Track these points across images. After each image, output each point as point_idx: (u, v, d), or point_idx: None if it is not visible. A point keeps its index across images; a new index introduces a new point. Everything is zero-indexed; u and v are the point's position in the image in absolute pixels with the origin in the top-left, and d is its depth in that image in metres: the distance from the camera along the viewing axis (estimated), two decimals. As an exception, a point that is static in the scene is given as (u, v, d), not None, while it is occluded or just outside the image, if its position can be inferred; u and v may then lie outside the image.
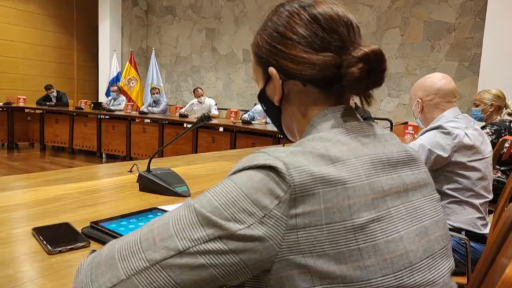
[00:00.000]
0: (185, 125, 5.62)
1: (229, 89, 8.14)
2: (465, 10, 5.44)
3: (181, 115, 5.78)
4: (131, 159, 5.98)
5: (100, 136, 6.19)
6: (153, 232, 0.46)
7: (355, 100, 0.65)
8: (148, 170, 1.18)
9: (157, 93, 6.52)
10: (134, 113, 6.17)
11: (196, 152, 5.20)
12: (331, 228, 0.44)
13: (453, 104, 1.50)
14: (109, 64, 8.21)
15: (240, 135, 4.99)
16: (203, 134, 5.25)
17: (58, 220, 0.86)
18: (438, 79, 1.50)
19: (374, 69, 0.52)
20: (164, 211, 0.92)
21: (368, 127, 0.56)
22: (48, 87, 7.15)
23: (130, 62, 7.85)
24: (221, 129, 5.27)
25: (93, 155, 6.41)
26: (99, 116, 6.20)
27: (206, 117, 1.13)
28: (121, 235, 0.75)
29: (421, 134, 1.46)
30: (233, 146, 4.96)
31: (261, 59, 0.61)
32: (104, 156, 6.40)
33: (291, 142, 0.64)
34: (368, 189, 0.47)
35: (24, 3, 8.35)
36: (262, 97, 0.63)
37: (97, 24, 8.54)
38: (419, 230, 0.50)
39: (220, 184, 0.48)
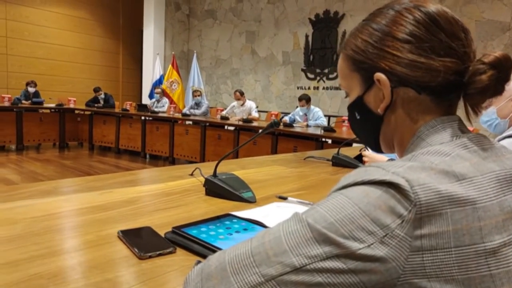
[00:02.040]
0: (226, 127, 5.69)
1: (268, 92, 8.16)
2: (523, 8, 5.12)
3: (222, 117, 5.86)
4: (173, 160, 6.14)
5: (144, 137, 6.40)
6: (264, 245, 0.45)
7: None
8: (215, 174, 1.19)
9: (199, 95, 6.66)
10: (177, 115, 6.32)
11: (237, 154, 5.24)
12: (460, 252, 0.41)
13: None
14: (152, 67, 8.49)
15: (281, 138, 4.97)
16: (245, 137, 5.28)
17: (138, 223, 0.88)
18: None
19: (503, 76, 0.49)
20: (238, 217, 0.92)
21: (484, 139, 0.52)
22: (96, 89, 7.51)
23: (173, 65, 8.07)
24: (261, 131, 5.27)
25: (137, 155, 6.63)
26: (143, 118, 6.41)
27: (276, 123, 1.12)
28: (203, 241, 0.76)
29: (498, 141, 1.37)
30: (274, 149, 4.95)
31: (361, 64, 0.57)
32: (147, 156, 6.61)
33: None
34: (498, 209, 0.44)
35: (74, 9, 8.82)
36: (358, 106, 0.60)
37: (142, 29, 8.86)
38: None
39: (331, 198, 0.46)
